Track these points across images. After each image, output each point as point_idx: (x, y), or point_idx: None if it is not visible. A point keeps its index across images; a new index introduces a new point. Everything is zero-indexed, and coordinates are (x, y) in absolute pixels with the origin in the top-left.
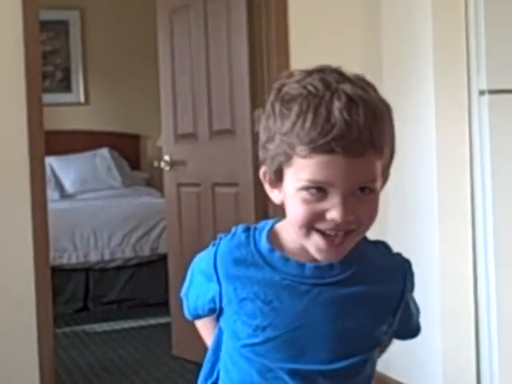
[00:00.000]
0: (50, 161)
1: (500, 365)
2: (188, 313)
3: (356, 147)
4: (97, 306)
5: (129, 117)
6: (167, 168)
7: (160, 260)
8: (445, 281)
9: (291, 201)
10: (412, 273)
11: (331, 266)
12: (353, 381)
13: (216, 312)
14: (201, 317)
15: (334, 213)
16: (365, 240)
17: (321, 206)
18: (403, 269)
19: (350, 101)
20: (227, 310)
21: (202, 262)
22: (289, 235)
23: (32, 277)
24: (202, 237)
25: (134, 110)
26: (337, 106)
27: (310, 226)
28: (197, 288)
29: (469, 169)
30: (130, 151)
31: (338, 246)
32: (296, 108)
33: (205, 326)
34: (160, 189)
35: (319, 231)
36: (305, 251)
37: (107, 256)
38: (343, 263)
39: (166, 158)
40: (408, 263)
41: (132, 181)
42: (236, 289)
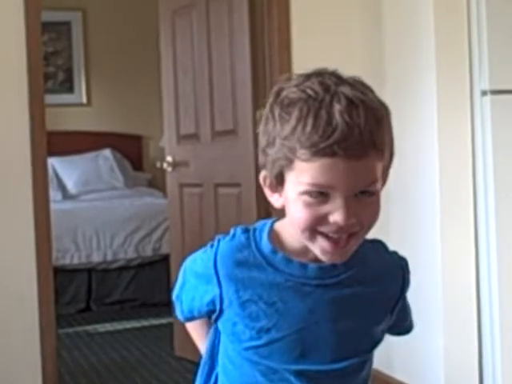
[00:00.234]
0: (53, 161)
1: (502, 365)
2: (181, 315)
3: (358, 149)
4: (99, 307)
5: (131, 117)
6: (169, 169)
7: (162, 260)
8: (447, 281)
9: (293, 205)
10: (409, 270)
11: (334, 266)
12: (354, 380)
13: (215, 314)
14: (195, 319)
15: (337, 216)
16: (364, 242)
17: (323, 210)
18: (401, 267)
19: (351, 103)
20: (227, 313)
21: (197, 264)
22: (290, 235)
23: (34, 277)
24: (205, 237)
25: (137, 111)
26: (337, 109)
27: (313, 230)
28: (191, 290)
29: (471, 169)
30: (133, 152)
31: (343, 248)
32: (296, 112)
33: (196, 329)
34: (162, 189)
35: (323, 234)
36: (307, 251)
37: (110, 256)
38: (345, 263)
39: (169, 159)
40: (405, 261)
41: (134, 181)
42: (238, 290)
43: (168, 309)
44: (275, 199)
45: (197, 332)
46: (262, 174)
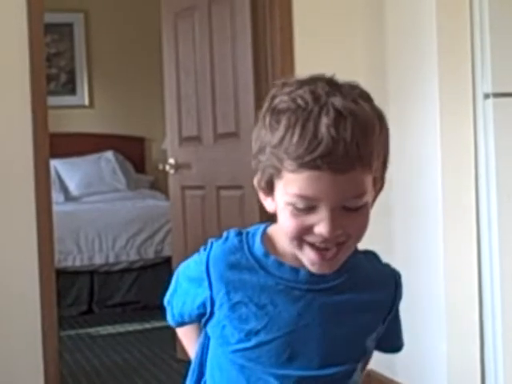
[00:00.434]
0: (55, 163)
1: (505, 369)
2: (172, 320)
3: (342, 164)
4: (101, 309)
5: (133, 119)
6: (172, 171)
7: (164, 263)
8: (449, 285)
9: (281, 213)
10: (401, 284)
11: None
12: None
13: (205, 317)
14: (186, 324)
15: (322, 227)
16: (355, 250)
17: (309, 220)
18: (393, 278)
19: (339, 115)
20: (217, 315)
21: (190, 269)
22: (282, 240)
23: (37, 279)
24: (207, 240)
25: (139, 113)
26: (324, 122)
27: (300, 239)
28: (182, 295)
29: (474, 172)
30: (135, 154)
31: (331, 260)
32: (284, 121)
33: (186, 335)
34: (165, 191)
35: (310, 244)
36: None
37: (112, 259)
38: (337, 270)
39: (171, 161)
40: (398, 274)
41: (137, 184)
42: (229, 292)
43: None
44: (268, 203)
45: (187, 337)
46: (255, 179)
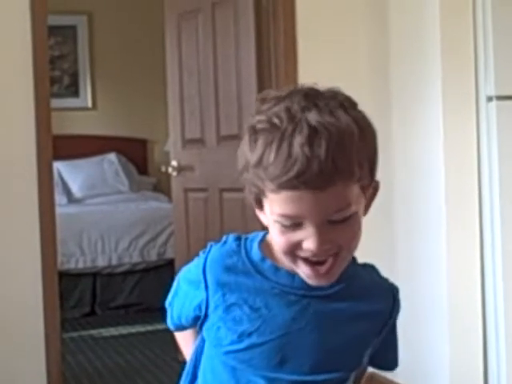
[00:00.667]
0: (58, 165)
1: (507, 372)
2: (171, 323)
3: (319, 181)
4: (104, 311)
5: (136, 121)
6: (175, 173)
7: (167, 265)
8: (452, 287)
9: (271, 229)
10: (399, 298)
11: None
12: None
13: (200, 320)
14: (184, 327)
15: (310, 243)
16: (354, 261)
17: (296, 236)
18: (391, 291)
19: (313, 132)
20: (212, 317)
21: (190, 271)
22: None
23: (39, 281)
24: (209, 242)
25: (142, 115)
26: (298, 141)
27: (293, 254)
28: (182, 298)
29: (477, 175)
30: (138, 156)
31: (327, 274)
32: (261, 141)
33: (185, 339)
34: (167, 194)
35: (303, 258)
36: None
37: (115, 261)
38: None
39: (174, 163)
40: (396, 288)
41: (139, 185)
42: (224, 294)
43: None
44: (262, 217)
45: (185, 342)
46: (245, 194)
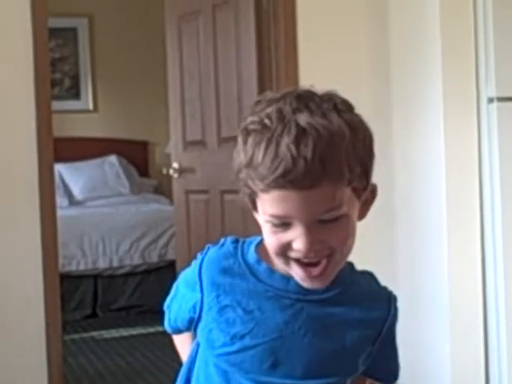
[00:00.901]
0: (59, 168)
1: (509, 372)
2: (168, 324)
3: (305, 181)
4: (105, 313)
5: (137, 123)
6: (176, 175)
7: (168, 267)
8: (453, 286)
9: (263, 230)
10: (396, 307)
11: None
12: None
13: (194, 321)
14: (180, 330)
15: (299, 243)
16: (352, 268)
17: (287, 237)
18: (388, 299)
19: (301, 133)
20: (206, 319)
21: (187, 274)
22: None
23: (41, 283)
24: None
25: (143, 117)
26: (285, 142)
27: (285, 255)
28: (179, 300)
29: (478, 176)
30: (139, 158)
31: (321, 276)
32: (251, 142)
33: (182, 343)
34: (168, 196)
35: (295, 260)
36: None
37: (116, 263)
38: (329, 283)
39: (175, 165)
40: (394, 297)
41: (140, 188)
42: (219, 296)
43: None
44: (259, 218)
45: (182, 345)
46: (240, 195)
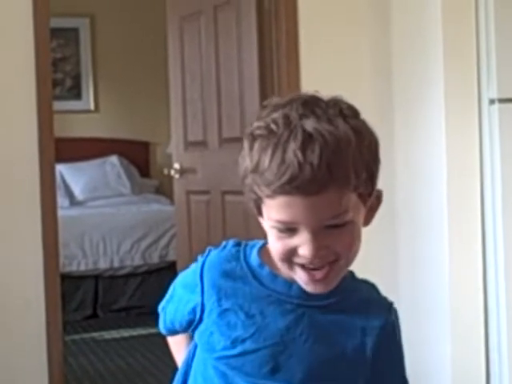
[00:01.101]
0: (60, 168)
1: (510, 373)
2: (163, 327)
3: (312, 187)
4: (106, 314)
5: (138, 124)
6: (177, 175)
7: (169, 267)
8: (454, 287)
9: (268, 236)
10: (397, 317)
11: None
12: None
13: (194, 324)
14: (176, 332)
15: (305, 249)
16: (353, 276)
17: (292, 243)
18: (388, 309)
19: (308, 138)
20: (206, 322)
21: (186, 276)
22: None
23: (41, 283)
24: (212, 244)
25: (144, 117)
26: (291, 147)
27: (289, 261)
28: (176, 302)
29: (479, 177)
30: (140, 158)
31: (324, 280)
32: (257, 147)
33: (177, 344)
34: (169, 196)
35: (299, 265)
36: None
37: (116, 263)
38: (331, 290)
39: (176, 166)
40: (395, 310)
41: (141, 188)
42: (220, 299)
43: None
44: (263, 223)
45: (177, 347)
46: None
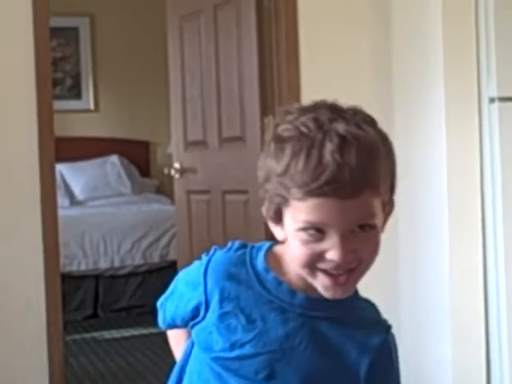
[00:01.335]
0: (60, 168)
1: (510, 376)
2: (163, 323)
3: (349, 189)
4: (106, 313)
5: (138, 123)
6: (177, 175)
7: (170, 267)
8: (455, 289)
9: (292, 241)
10: (393, 336)
11: (322, 302)
12: None
13: (195, 320)
14: (177, 327)
15: (333, 253)
16: (356, 292)
17: (320, 247)
18: (385, 330)
19: (343, 141)
20: (207, 320)
21: (189, 273)
22: (286, 261)
23: (42, 283)
24: (212, 244)
25: (144, 117)
26: (328, 149)
27: (313, 266)
28: (176, 299)
29: (479, 177)
30: (140, 158)
31: (344, 285)
32: (289, 150)
33: (176, 339)
34: (170, 196)
35: (322, 270)
36: (299, 280)
37: (117, 263)
38: (333, 302)
39: (176, 165)
40: (392, 334)
41: (142, 188)
42: (222, 301)
43: None
44: (277, 232)
45: (176, 342)
46: (263, 208)
